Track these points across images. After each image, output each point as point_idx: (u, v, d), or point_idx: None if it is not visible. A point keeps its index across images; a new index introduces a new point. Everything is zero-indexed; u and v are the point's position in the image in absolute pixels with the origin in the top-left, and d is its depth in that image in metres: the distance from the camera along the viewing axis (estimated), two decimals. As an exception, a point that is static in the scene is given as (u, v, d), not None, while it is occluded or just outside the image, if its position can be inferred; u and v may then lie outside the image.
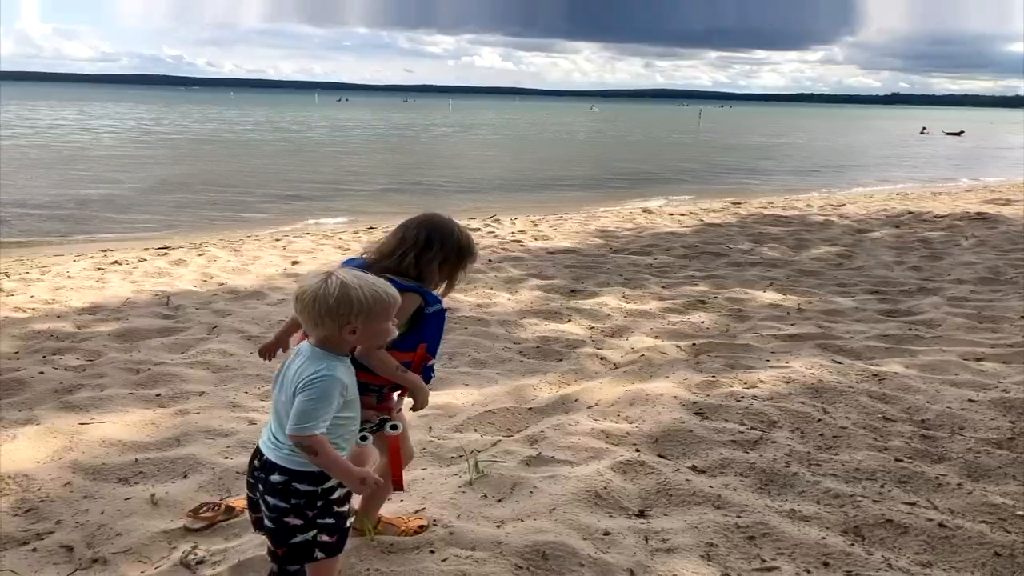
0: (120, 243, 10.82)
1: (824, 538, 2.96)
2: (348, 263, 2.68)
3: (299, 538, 2.26)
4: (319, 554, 2.29)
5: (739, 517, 3.11)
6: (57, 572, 2.75)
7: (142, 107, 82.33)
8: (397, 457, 2.68)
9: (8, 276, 8.10)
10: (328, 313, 2.16)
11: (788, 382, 4.65)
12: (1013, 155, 39.98)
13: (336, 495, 2.29)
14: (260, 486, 2.27)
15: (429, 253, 2.61)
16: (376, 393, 2.61)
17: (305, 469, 2.21)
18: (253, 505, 2.36)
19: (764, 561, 2.84)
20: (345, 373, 2.24)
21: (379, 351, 2.48)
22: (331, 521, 2.28)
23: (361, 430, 2.44)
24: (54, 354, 5.28)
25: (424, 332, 2.61)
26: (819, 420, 4.10)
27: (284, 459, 2.22)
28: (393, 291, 2.27)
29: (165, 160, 26.51)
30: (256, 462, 2.31)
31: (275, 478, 2.22)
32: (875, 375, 4.81)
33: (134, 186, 18.56)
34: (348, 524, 2.38)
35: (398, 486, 2.74)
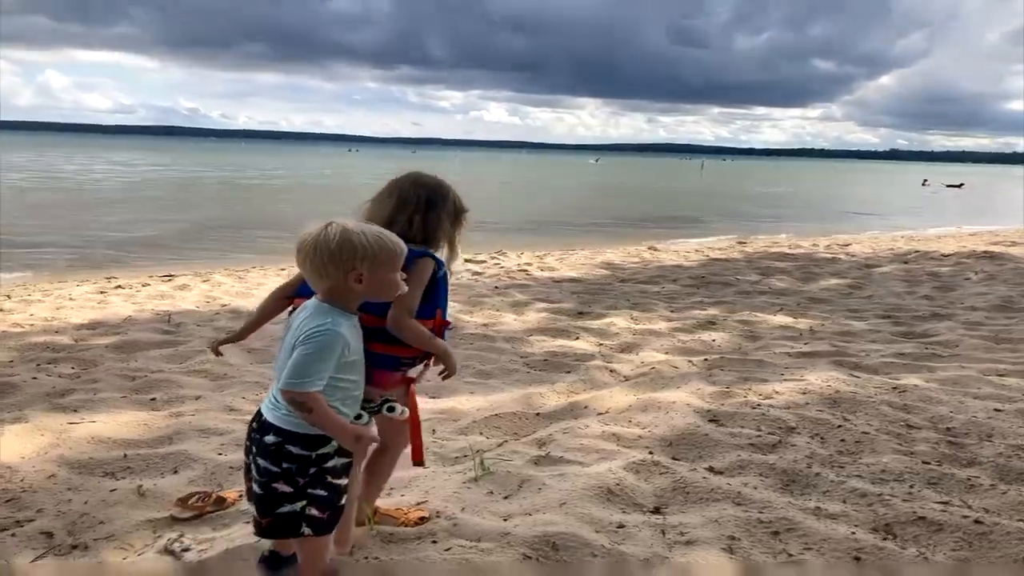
0: (125, 273, 10.73)
1: (854, 533, 2.77)
2: None
3: (286, 508, 2.08)
4: (306, 529, 2.10)
5: (761, 513, 2.93)
6: (34, 553, 2.57)
7: (157, 156, 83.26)
8: (418, 429, 2.50)
9: (9, 298, 8.00)
10: (331, 259, 2.03)
11: (804, 393, 4.48)
12: (1014, 206, 40.02)
13: (331, 464, 2.12)
14: (254, 447, 2.12)
15: (433, 213, 2.49)
16: (409, 365, 2.46)
17: (300, 431, 2.06)
18: (248, 470, 2.20)
19: (791, 555, 2.65)
20: (350, 331, 2.10)
21: (411, 320, 2.32)
22: (323, 493, 2.11)
23: (360, 413, 2.25)
24: (49, 363, 5.15)
25: (439, 297, 2.47)
26: (839, 426, 3.92)
27: (280, 419, 2.07)
28: (399, 240, 2.15)
29: (174, 203, 26.66)
30: (254, 423, 2.16)
31: (269, 439, 2.08)
32: (894, 387, 4.64)
33: (144, 226, 18.59)
34: (342, 502, 2.19)
35: (418, 459, 2.53)
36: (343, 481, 2.17)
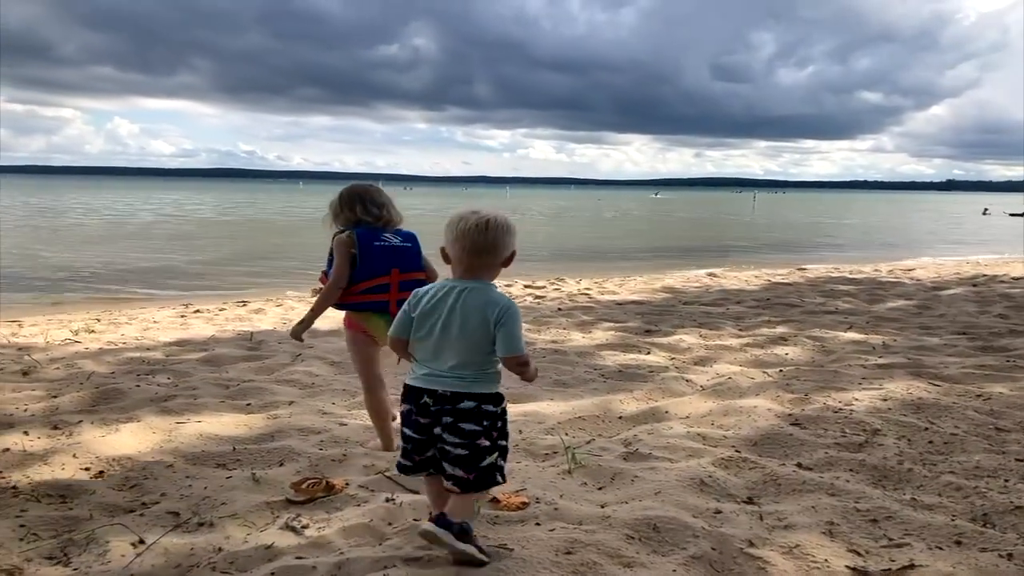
0: (200, 299, 11.14)
1: (953, 520, 2.79)
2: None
3: (487, 460, 2.43)
4: (499, 478, 2.48)
5: (857, 503, 2.97)
6: (163, 530, 2.75)
7: (220, 195, 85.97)
8: None
9: (99, 321, 8.40)
10: (508, 232, 2.44)
11: (886, 399, 4.48)
12: (1085, 233, 38.65)
13: (506, 417, 2.52)
14: (445, 418, 2.41)
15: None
16: None
17: (490, 391, 2.45)
18: (419, 446, 2.48)
19: (892, 540, 2.68)
20: None
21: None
22: (504, 444, 2.50)
23: None
24: (147, 374, 5.42)
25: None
26: (926, 429, 3.92)
27: (470, 386, 2.42)
28: None
29: (241, 235, 27.53)
30: (427, 400, 2.43)
31: (466, 404, 2.41)
32: (978, 395, 4.61)
33: (213, 256, 19.26)
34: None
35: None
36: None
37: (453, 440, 2.40)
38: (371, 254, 3.53)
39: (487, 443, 2.41)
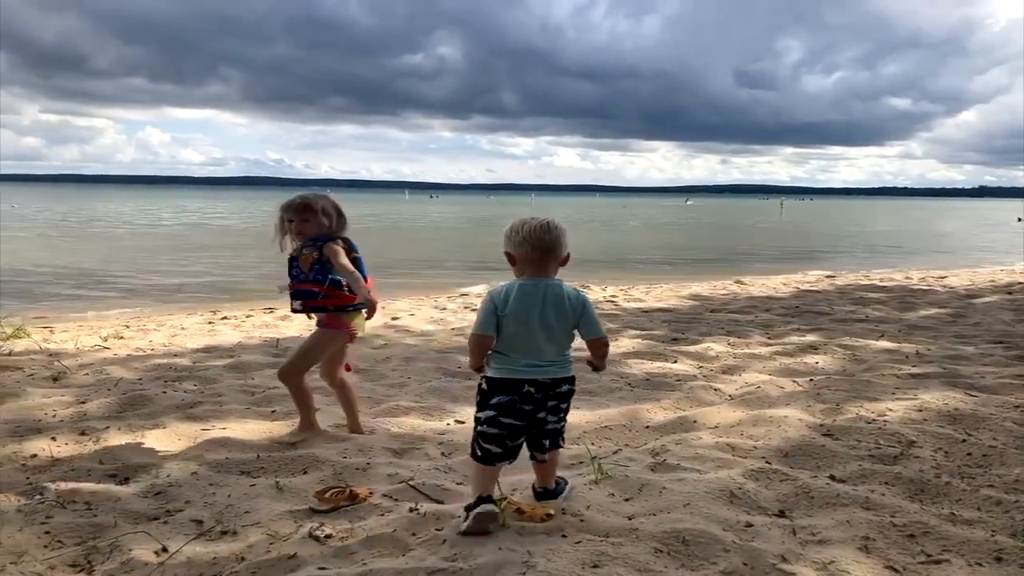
0: (227, 306, 11.22)
1: (993, 536, 2.70)
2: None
3: (564, 429, 2.98)
4: (562, 441, 3.00)
5: (893, 517, 2.88)
6: (187, 539, 2.74)
7: (247, 204, 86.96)
8: None
9: (128, 327, 8.48)
10: (564, 232, 2.81)
11: (921, 410, 4.37)
12: (1124, 240, 37.77)
13: None
14: (550, 402, 2.82)
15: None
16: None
17: (573, 374, 2.91)
18: (515, 432, 2.80)
19: (930, 556, 2.59)
20: None
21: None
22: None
23: None
24: (174, 380, 5.44)
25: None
26: (963, 441, 3.81)
27: (566, 372, 2.85)
28: None
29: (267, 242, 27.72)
30: (529, 389, 2.76)
31: (564, 388, 2.86)
32: (1016, 406, 4.48)
33: (241, 264, 19.43)
34: None
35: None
36: None
37: (553, 419, 2.86)
38: (361, 260, 4.00)
39: (567, 415, 2.94)
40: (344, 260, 3.84)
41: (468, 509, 2.71)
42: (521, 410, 2.76)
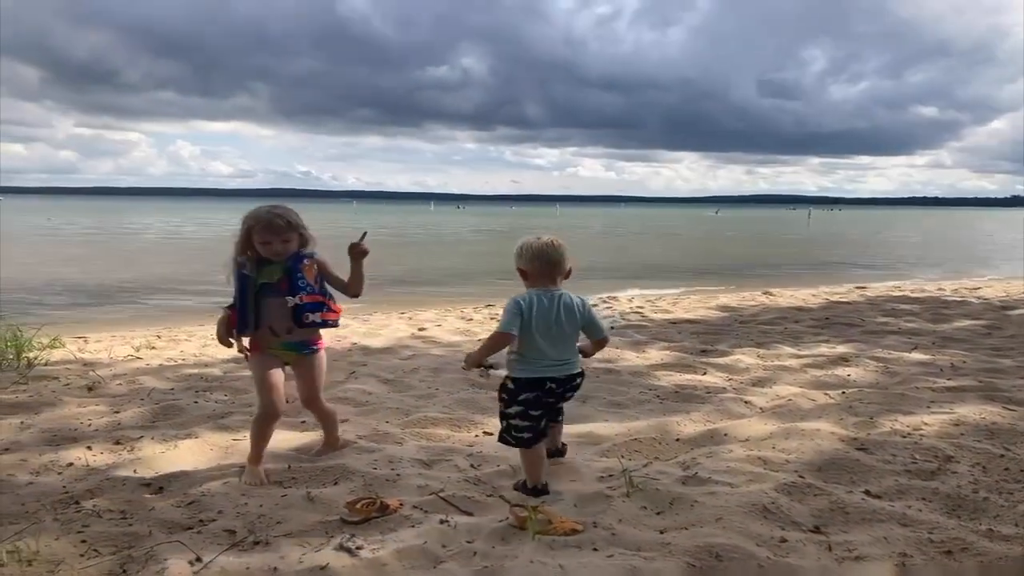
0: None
1: (1035, 554, 2.63)
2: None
3: None
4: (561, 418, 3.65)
5: (931, 533, 2.83)
6: (220, 548, 2.76)
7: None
8: None
9: (159, 338, 8.60)
10: (566, 249, 3.25)
11: (957, 424, 4.29)
12: None
13: None
14: (568, 394, 3.37)
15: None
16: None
17: (582, 368, 3.41)
18: (538, 420, 3.26)
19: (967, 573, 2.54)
20: None
21: None
22: None
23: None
24: (205, 390, 5.51)
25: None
26: (1002, 456, 3.73)
27: (579, 366, 3.34)
28: None
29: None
30: (551, 385, 3.24)
31: (579, 380, 3.38)
32: (1057, 421, 4.38)
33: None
34: None
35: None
36: None
37: (565, 402, 3.46)
38: None
39: None
40: (331, 271, 3.74)
41: (524, 490, 3.29)
42: (545, 403, 3.27)
